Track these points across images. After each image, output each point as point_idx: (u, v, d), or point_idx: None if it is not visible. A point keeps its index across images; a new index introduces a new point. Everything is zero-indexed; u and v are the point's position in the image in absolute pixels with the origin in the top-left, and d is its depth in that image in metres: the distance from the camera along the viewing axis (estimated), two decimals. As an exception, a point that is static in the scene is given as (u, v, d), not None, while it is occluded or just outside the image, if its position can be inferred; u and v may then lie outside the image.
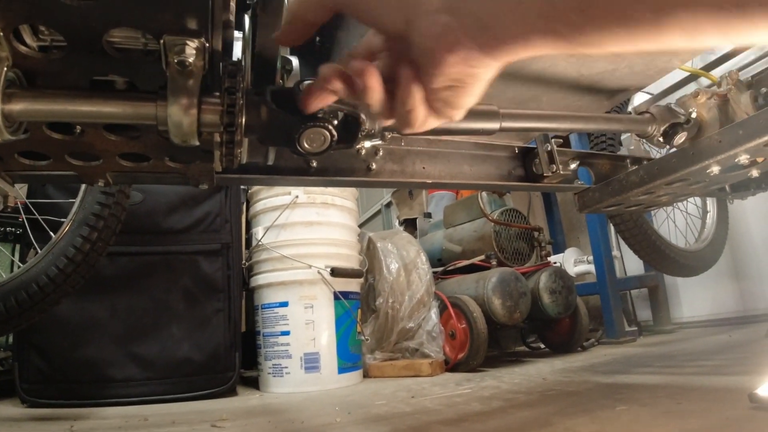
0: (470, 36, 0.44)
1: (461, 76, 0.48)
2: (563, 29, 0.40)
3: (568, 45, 0.42)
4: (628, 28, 0.38)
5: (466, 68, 0.46)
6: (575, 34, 0.40)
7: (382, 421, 1.37)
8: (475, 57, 0.45)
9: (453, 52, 0.45)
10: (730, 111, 1.28)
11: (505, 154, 1.37)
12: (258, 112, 0.68)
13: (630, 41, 0.39)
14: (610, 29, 0.38)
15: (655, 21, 0.36)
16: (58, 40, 0.64)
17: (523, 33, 0.42)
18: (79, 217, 1.48)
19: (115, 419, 1.69)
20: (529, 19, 0.41)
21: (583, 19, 0.39)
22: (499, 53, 0.45)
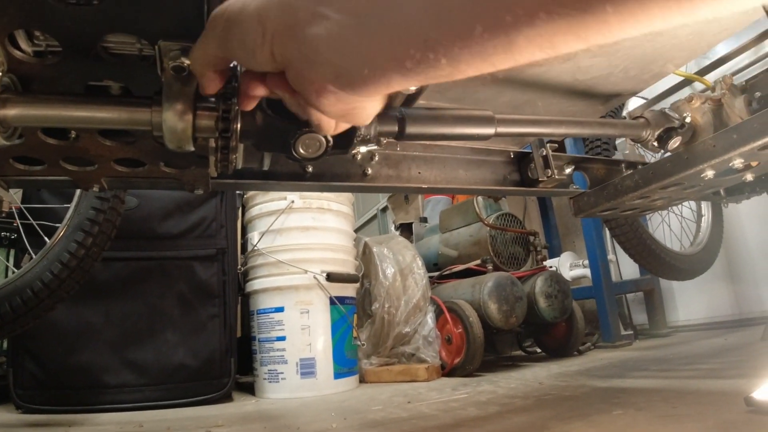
0: (330, 81, 0.46)
1: (342, 112, 0.52)
2: (413, 66, 0.41)
3: (424, 79, 0.43)
4: (478, 54, 0.38)
5: (343, 105, 0.50)
6: (426, 69, 0.41)
7: (379, 426, 1.37)
8: (345, 98, 0.48)
9: (323, 96, 0.48)
10: (724, 115, 1.28)
11: (501, 158, 1.38)
12: (253, 117, 0.68)
13: (486, 65, 0.39)
14: (458, 58, 0.39)
15: (503, 42, 0.35)
16: (53, 46, 0.64)
17: (376, 75, 0.43)
18: (74, 222, 1.48)
19: (110, 425, 1.68)
20: (380, 61, 0.42)
21: (429, 54, 0.39)
22: (363, 92, 0.46)
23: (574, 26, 0.32)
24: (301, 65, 0.47)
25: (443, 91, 1.14)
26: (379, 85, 0.44)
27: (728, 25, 1.09)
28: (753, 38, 1.59)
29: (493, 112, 0.81)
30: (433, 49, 0.38)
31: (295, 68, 0.47)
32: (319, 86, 0.47)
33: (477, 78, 1.11)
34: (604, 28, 0.32)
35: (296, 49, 0.46)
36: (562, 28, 0.33)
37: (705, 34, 1.11)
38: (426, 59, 0.40)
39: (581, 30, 0.33)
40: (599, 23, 0.32)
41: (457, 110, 0.79)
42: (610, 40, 0.34)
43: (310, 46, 0.44)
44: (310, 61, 0.45)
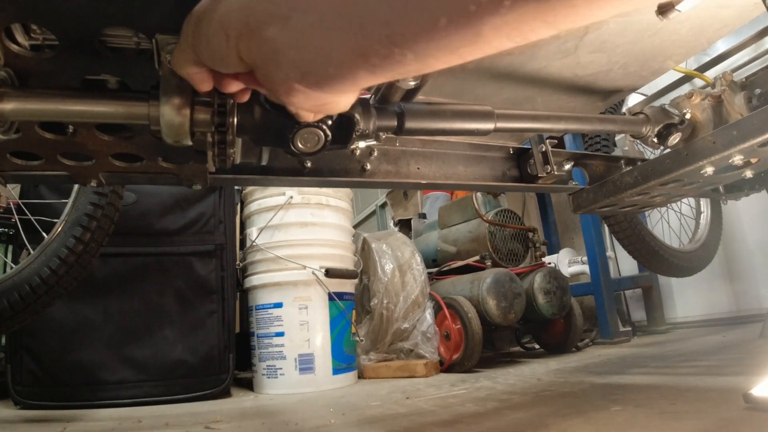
0: (297, 81, 0.46)
1: (315, 108, 0.52)
2: (380, 62, 0.40)
3: (391, 75, 0.42)
4: (445, 47, 0.37)
5: (314, 102, 0.49)
6: (393, 65, 0.40)
7: (377, 422, 1.37)
8: (314, 95, 0.47)
9: (292, 95, 0.48)
10: (724, 112, 1.28)
11: (500, 154, 1.37)
12: (251, 112, 0.67)
13: (454, 57, 0.39)
14: (425, 52, 0.38)
15: (469, 33, 0.35)
16: (51, 40, 0.64)
17: (342, 73, 0.43)
18: (71, 218, 1.47)
19: (108, 421, 1.68)
20: (344, 59, 0.41)
21: (394, 49, 0.38)
22: (331, 89, 0.46)
23: (540, 12, 0.32)
24: (267, 66, 0.46)
25: (442, 86, 1.14)
26: (345, 82, 0.44)
27: (728, 21, 1.09)
28: (753, 35, 1.59)
29: (493, 108, 0.81)
30: (398, 44, 0.38)
31: (262, 69, 0.47)
32: (286, 86, 0.47)
33: (476, 73, 1.11)
34: (572, 11, 0.32)
35: (259, 51, 0.45)
36: (529, 14, 0.32)
37: (705, 30, 1.10)
38: (391, 54, 0.39)
39: (548, 15, 0.32)
40: (566, 7, 0.31)
41: (456, 105, 0.79)
42: (581, 24, 0.33)
43: (272, 47, 0.44)
44: (274, 61, 0.45)
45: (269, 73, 0.47)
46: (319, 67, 0.43)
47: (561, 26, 0.33)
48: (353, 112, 0.70)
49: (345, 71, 0.43)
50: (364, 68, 0.42)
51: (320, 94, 0.47)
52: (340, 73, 0.43)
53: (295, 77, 0.45)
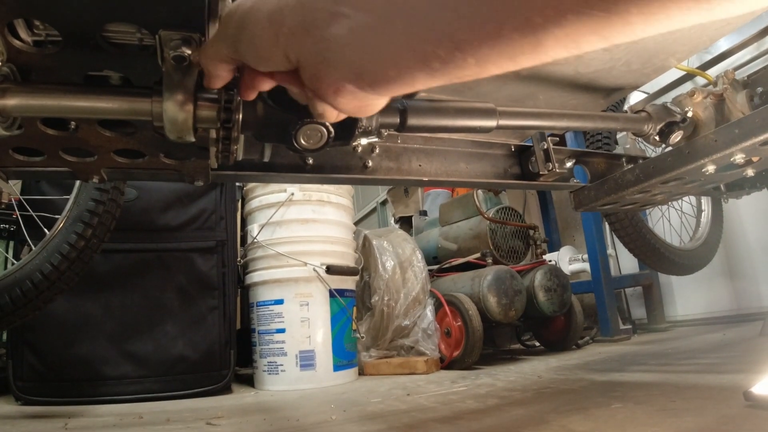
0: (350, 81, 0.45)
1: (356, 108, 0.51)
2: (440, 67, 0.40)
3: (449, 78, 0.42)
4: (506, 54, 0.37)
5: (358, 102, 0.49)
6: (453, 69, 0.40)
7: (378, 418, 1.37)
8: (361, 96, 0.47)
9: (340, 95, 0.47)
10: (726, 110, 1.28)
11: (502, 152, 1.37)
12: (254, 108, 0.67)
13: (511, 64, 0.39)
14: (486, 58, 0.38)
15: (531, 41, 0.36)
16: (53, 35, 0.64)
17: (400, 74, 0.43)
18: (73, 214, 1.47)
19: (110, 417, 1.69)
20: (406, 62, 0.41)
21: (456, 53, 0.38)
22: (386, 92, 0.46)
23: (599, 27, 0.33)
24: (319, 65, 0.46)
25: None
26: (403, 84, 0.44)
27: (731, 19, 1.09)
28: (755, 33, 1.58)
29: (495, 105, 0.81)
30: (462, 49, 0.38)
31: (312, 68, 0.47)
32: (337, 86, 0.46)
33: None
34: (628, 28, 0.33)
35: (314, 50, 0.45)
36: (589, 28, 0.33)
37: (707, 28, 1.10)
38: (453, 59, 0.39)
39: (606, 30, 0.33)
40: (623, 24, 0.32)
41: (459, 102, 0.79)
42: (631, 39, 0.34)
43: (330, 47, 0.44)
44: (329, 61, 0.45)
45: (320, 72, 0.46)
46: (379, 68, 0.43)
47: (614, 40, 0.34)
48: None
49: (404, 74, 0.42)
50: (423, 71, 0.41)
51: (369, 95, 0.47)
52: (398, 75, 0.43)
53: (349, 78, 0.45)
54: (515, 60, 0.38)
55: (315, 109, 0.57)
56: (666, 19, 0.32)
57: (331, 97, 0.48)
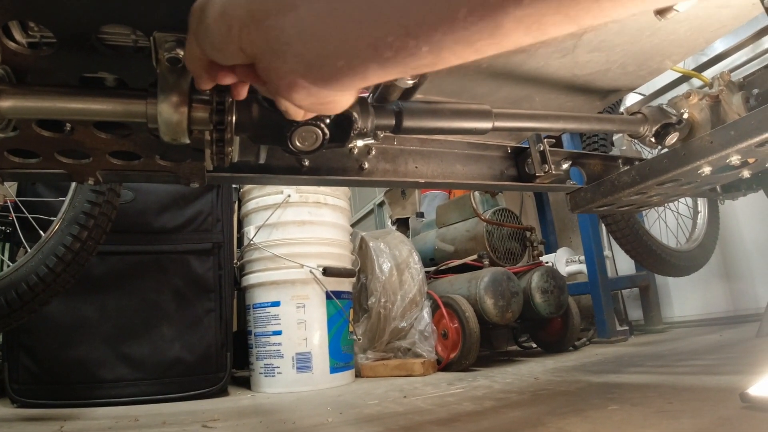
0: (302, 75, 0.44)
1: (314, 106, 0.49)
2: (392, 55, 0.38)
3: (403, 70, 0.41)
4: (463, 39, 0.35)
5: (314, 99, 0.47)
6: (406, 58, 0.38)
7: (375, 421, 1.37)
8: (316, 92, 0.46)
9: (294, 91, 0.46)
10: (721, 112, 1.29)
11: (498, 153, 1.37)
12: (249, 110, 0.67)
13: (470, 52, 0.37)
14: (441, 44, 0.36)
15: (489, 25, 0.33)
16: (48, 37, 0.63)
17: (354, 66, 0.41)
18: (69, 216, 1.47)
19: (106, 420, 1.68)
20: (356, 51, 0.40)
21: (408, 41, 0.37)
22: (338, 86, 0.44)
23: (563, 5, 0.31)
24: (270, 59, 0.44)
25: (441, 85, 1.14)
26: (354, 77, 0.42)
27: (726, 21, 1.09)
28: (751, 35, 1.59)
29: (491, 107, 0.81)
30: (414, 36, 0.36)
31: (264, 62, 0.45)
32: (289, 80, 0.45)
33: (474, 72, 1.11)
34: (595, 6, 0.31)
35: (263, 42, 0.44)
36: (552, 7, 0.31)
37: (703, 30, 1.11)
38: (406, 47, 0.37)
39: (572, 9, 0.31)
40: (591, 3, 0.31)
41: (454, 104, 0.79)
42: (601, 20, 0.32)
43: (278, 39, 0.42)
44: (279, 54, 0.43)
45: (272, 66, 0.45)
46: (328, 60, 0.41)
47: (582, 22, 0.32)
48: (351, 111, 0.70)
49: (355, 65, 0.41)
50: (375, 62, 0.40)
51: (323, 90, 0.45)
52: (349, 66, 0.41)
53: (299, 71, 0.44)
54: (474, 47, 0.36)
55: (279, 106, 0.55)
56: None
57: (285, 93, 0.47)
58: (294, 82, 0.45)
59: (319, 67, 0.42)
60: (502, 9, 0.32)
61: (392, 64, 0.40)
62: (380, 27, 0.37)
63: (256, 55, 0.46)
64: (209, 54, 0.50)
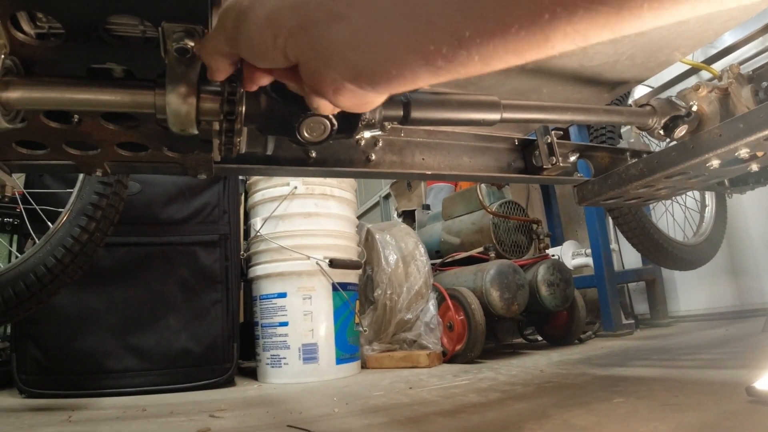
0: (350, 80, 0.44)
1: (355, 106, 0.49)
2: (444, 64, 0.39)
3: (453, 75, 0.41)
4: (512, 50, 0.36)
5: (357, 100, 0.48)
6: (457, 66, 0.39)
7: (380, 412, 1.37)
8: (360, 94, 0.46)
9: (340, 94, 0.46)
10: (730, 105, 1.28)
11: (505, 145, 1.37)
12: (257, 100, 0.67)
13: (516, 59, 0.38)
14: (492, 55, 0.37)
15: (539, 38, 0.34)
16: (56, 28, 0.63)
17: (402, 73, 0.42)
18: (76, 208, 1.47)
19: (113, 410, 1.69)
20: (408, 60, 0.40)
21: (461, 51, 0.37)
22: (386, 90, 0.45)
23: (610, 21, 0.32)
24: (318, 65, 0.45)
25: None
26: (405, 83, 0.43)
27: (736, 13, 1.08)
28: (761, 27, 1.57)
29: (499, 98, 0.81)
30: (467, 47, 0.37)
31: (311, 67, 0.46)
32: (337, 85, 0.45)
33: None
34: (638, 22, 0.32)
35: (312, 50, 0.44)
36: (599, 23, 0.32)
37: (712, 22, 1.10)
38: (458, 57, 0.38)
39: (616, 24, 0.32)
40: (634, 17, 0.32)
41: (462, 95, 0.79)
42: (639, 30, 0.34)
43: (329, 47, 0.43)
44: (328, 61, 0.44)
45: (319, 71, 0.45)
46: (379, 68, 0.42)
47: (624, 33, 0.34)
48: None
49: (406, 72, 0.41)
50: (426, 70, 0.40)
51: (369, 93, 0.46)
52: (400, 74, 0.42)
53: (348, 77, 0.44)
54: (522, 56, 0.37)
55: (311, 103, 0.56)
56: (677, 12, 0.32)
57: (330, 96, 0.47)
58: (342, 86, 0.45)
59: (370, 75, 0.43)
60: (551, 26, 0.33)
61: (443, 71, 0.40)
62: (432, 39, 0.38)
63: (304, 60, 0.46)
64: (247, 57, 0.50)
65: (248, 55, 0.50)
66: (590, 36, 0.34)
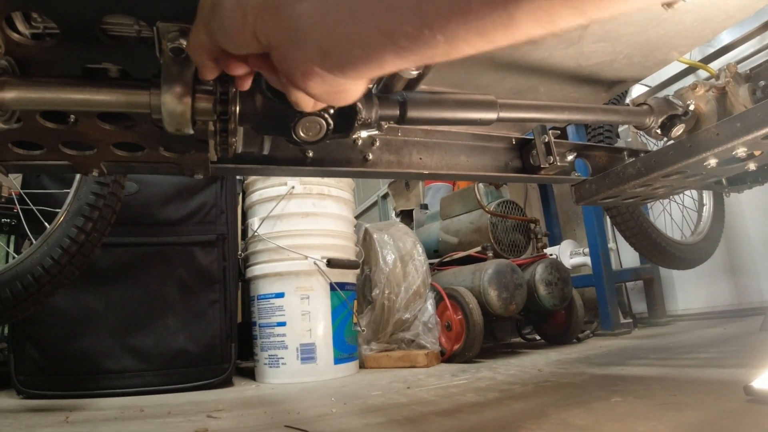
0: (317, 63, 0.44)
1: (327, 95, 0.49)
2: (408, 44, 0.39)
3: (418, 58, 0.41)
4: (476, 30, 0.36)
5: (328, 88, 0.48)
6: (421, 47, 0.39)
7: (378, 411, 1.37)
8: (331, 80, 0.46)
9: (309, 78, 0.46)
10: (728, 104, 1.28)
11: (503, 145, 1.37)
12: (253, 100, 0.67)
13: (483, 42, 0.38)
14: (456, 34, 0.37)
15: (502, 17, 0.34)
16: (51, 28, 0.63)
17: (369, 55, 0.42)
18: (73, 208, 1.47)
19: (111, 410, 1.69)
20: (372, 40, 0.40)
21: (424, 30, 0.37)
22: (353, 74, 0.45)
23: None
24: (286, 46, 0.45)
25: (445, 76, 1.13)
26: (370, 65, 0.43)
27: (733, 12, 1.08)
28: (758, 26, 1.58)
29: (496, 98, 0.81)
30: (430, 25, 0.37)
31: (280, 50, 0.46)
32: (305, 68, 0.45)
33: (479, 63, 1.10)
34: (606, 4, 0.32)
35: (280, 30, 0.44)
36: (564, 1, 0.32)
37: (710, 21, 1.10)
38: (422, 36, 0.38)
39: (583, 3, 0.32)
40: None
41: (459, 95, 0.79)
42: (610, 14, 0.33)
43: (295, 26, 0.43)
44: (295, 42, 0.44)
45: (288, 53, 0.45)
46: (344, 48, 0.42)
47: (592, 14, 0.33)
48: (355, 101, 0.70)
49: (371, 53, 0.41)
50: (391, 50, 0.40)
51: (338, 79, 0.46)
52: (365, 55, 0.42)
53: (315, 59, 0.44)
54: (487, 37, 0.37)
55: (290, 96, 0.55)
56: None
57: (300, 81, 0.47)
58: (310, 69, 0.45)
59: (336, 56, 0.43)
60: (515, 2, 0.33)
61: (408, 53, 0.40)
62: (396, 17, 0.38)
63: (271, 43, 0.46)
64: (222, 43, 0.50)
65: (222, 40, 0.49)
66: (557, 17, 0.34)
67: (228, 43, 0.49)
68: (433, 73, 0.79)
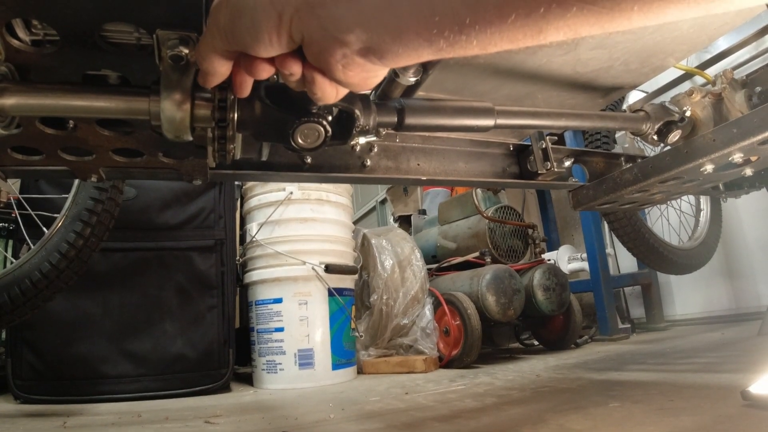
0: (360, 55, 0.48)
1: (362, 80, 0.52)
2: (445, 46, 0.43)
3: (452, 55, 0.45)
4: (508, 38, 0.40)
5: (365, 74, 0.51)
6: (456, 48, 0.43)
7: (376, 417, 1.37)
8: (369, 67, 0.50)
9: (350, 69, 0.49)
10: (724, 110, 1.28)
11: (500, 151, 1.37)
12: (251, 107, 0.67)
13: (511, 45, 0.42)
14: (489, 41, 0.41)
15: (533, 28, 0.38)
16: (51, 35, 0.64)
17: (410, 51, 0.46)
18: (72, 213, 1.47)
19: (108, 415, 1.69)
20: (413, 40, 0.44)
21: (461, 36, 0.41)
22: (393, 63, 0.49)
23: (601, 19, 0.36)
24: (327, 43, 0.47)
25: (442, 82, 1.14)
26: (409, 59, 0.47)
27: (729, 18, 1.09)
28: (754, 33, 1.59)
29: (493, 105, 0.81)
30: (467, 33, 0.41)
31: (318, 44, 0.48)
32: (347, 60, 0.48)
33: (476, 70, 1.11)
34: (626, 21, 0.35)
35: (320, 28, 0.46)
36: (590, 20, 0.36)
37: (706, 27, 1.10)
38: (459, 40, 0.42)
39: (606, 22, 0.36)
40: (623, 18, 0.35)
41: (456, 101, 0.79)
42: (626, 29, 0.37)
43: (337, 25, 0.45)
44: (336, 38, 0.46)
45: (328, 48, 0.47)
46: (387, 45, 0.45)
47: (611, 30, 0.37)
48: (353, 108, 0.70)
49: (411, 51, 0.45)
50: (429, 50, 0.44)
51: (377, 66, 0.49)
52: (406, 51, 0.46)
53: (358, 52, 0.47)
54: (515, 43, 0.41)
55: (314, 90, 0.57)
56: (664, 16, 0.34)
57: (339, 71, 0.50)
58: (351, 61, 0.48)
59: (378, 50, 0.47)
60: (546, 19, 0.37)
61: (444, 52, 0.44)
62: (435, 24, 0.42)
63: (311, 39, 0.48)
64: (247, 46, 0.51)
65: (250, 43, 0.50)
66: (581, 30, 0.38)
67: (257, 45, 0.50)
68: (431, 80, 0.79)
